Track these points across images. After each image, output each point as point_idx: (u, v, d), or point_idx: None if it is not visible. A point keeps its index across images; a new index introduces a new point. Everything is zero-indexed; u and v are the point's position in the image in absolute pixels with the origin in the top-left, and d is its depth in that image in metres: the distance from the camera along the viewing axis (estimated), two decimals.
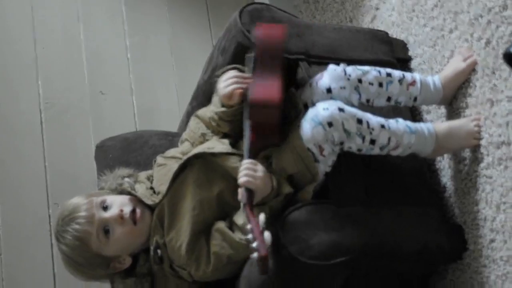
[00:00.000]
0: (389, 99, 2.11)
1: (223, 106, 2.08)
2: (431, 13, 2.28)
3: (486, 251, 2.02)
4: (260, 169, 1.91)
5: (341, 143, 1.94)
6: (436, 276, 2.21)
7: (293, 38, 2.25)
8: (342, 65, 2.08)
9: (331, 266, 1.88)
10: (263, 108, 1.95)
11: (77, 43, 3.11)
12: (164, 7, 3.26)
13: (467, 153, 2.11)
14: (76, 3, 3.17)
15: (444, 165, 2.22)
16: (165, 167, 2.13)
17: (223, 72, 2.11)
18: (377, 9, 2.60)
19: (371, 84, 2.07)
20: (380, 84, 2.08)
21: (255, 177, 1.88)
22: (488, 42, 2.04)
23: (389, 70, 2.12)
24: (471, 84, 2.10)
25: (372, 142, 1.96)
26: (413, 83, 2.12)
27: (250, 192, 1.85)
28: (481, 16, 2.05)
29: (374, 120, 1.97)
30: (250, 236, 1.72)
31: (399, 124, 2.01)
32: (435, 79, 2.15)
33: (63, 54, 3.08)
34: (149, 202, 2.05)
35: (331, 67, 2.08)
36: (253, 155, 1.95)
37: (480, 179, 2.05)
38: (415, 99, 2.13)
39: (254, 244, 1.68)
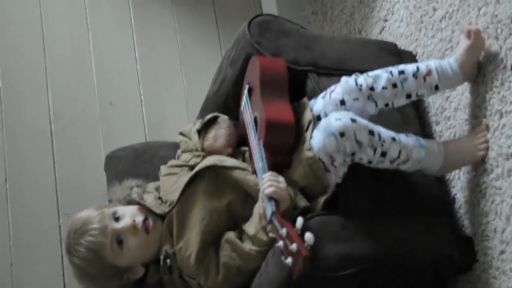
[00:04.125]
0: (408, 96, 2.10)
1: (203, 150, 2.15)
2: (439, 25, 2.29)
3: (496, 263, 2.02)
4: (282, 180, 1.90)
5: (353, 154, 1.95)
6: None
7: (302, 50, 2.26)
8: (353, 76, 2.08)
9: (340, 278, 1.88)
10: (279, 130, 1.98)
11: (86, 54, 3.12)
12: (172, 17, 3.26)
13: (476, 165, 2.11)
14: (85, 14, 3.18)
15: (454, 176, 2.22)
16: (172, 177, 2.14)
17: (210, 119, 2.19)
18: (385, 20, 2.60)
19: (384, 88, 2.06)
20: (394, 85, 2.07)
21: (280, 188, 1.87)
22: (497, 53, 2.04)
23: (401, 67, 2.10)
24: (479, 95, 2.10)
25: (383, 154, 1.96)
26: (429, 73, 2.09)
27: (276, 201, 1.85)
28: (489, 28, 2.06)
29: (386, 133, 1.97)
30: (281, 243, 1.71)
31: (409, 138, 2.01)
32: (451, 62, 2.11)
33: (72, 65, 3.09)
34: (158, 211, 2.07)
35: (344, 79, 2.08)
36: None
37: (489, 190, 2.05)
38: (436, 87, 2.11)
39: (293, 246, 1.66)
